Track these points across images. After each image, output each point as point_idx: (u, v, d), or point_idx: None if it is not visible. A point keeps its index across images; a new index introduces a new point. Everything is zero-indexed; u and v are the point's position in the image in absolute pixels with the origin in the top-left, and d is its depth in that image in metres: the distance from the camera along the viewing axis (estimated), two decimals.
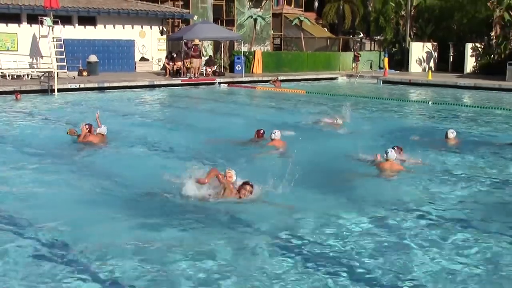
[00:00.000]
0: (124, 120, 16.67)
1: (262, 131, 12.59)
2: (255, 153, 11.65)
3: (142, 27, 31.39)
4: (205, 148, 12.23)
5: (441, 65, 36.33)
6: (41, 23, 25.59)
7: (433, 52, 36.86)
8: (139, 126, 15.62)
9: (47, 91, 22.41)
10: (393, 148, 10.22)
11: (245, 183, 8.31)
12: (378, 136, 13.85)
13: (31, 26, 27.45)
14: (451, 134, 12.83)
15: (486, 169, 10.70)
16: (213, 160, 11.10)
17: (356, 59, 34.96)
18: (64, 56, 26.16)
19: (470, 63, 33.83)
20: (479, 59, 33.59)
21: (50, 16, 24.25)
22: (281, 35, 41.05)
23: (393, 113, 19.33)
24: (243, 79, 29.46)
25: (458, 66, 34.49)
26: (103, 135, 12.39)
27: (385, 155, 10.05)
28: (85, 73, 27.43)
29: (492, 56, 32.98)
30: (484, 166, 11.04)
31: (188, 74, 28.57)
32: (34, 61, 27.49)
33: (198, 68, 29.04)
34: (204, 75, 29.56)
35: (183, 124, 16.38)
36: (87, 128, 12.25)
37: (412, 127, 15.88)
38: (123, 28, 30.79)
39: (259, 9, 36.19)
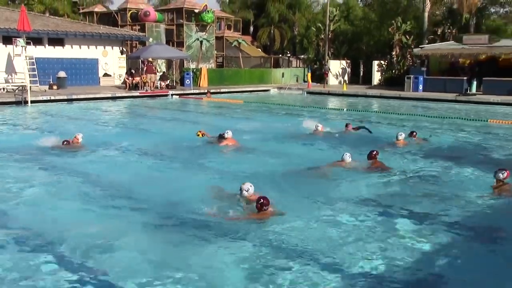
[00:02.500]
0: (91, 126, 16.25)
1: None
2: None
3: (104, 47, 30.66)
4: (167, 149, 12.02)
5: (354, 79, 37.14)
6: (15, 43, 24.65)
7: (347, 68, 37.65)
8: (104, 132, 15.29)
9: (21, 102, 21.57)
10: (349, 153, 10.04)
11: (263, 201, 6.88)
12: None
13: (6, 46, 26.31)
14: (400, 136, 12.64)
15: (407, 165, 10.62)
16: (176, 157, 10.98)
17: (325, 75, 34.77)
18: (36, 72, 25.18)
19: (376, 77, 34.84)
20: (383, 73, 34.63)
21: (23, 38, 23.34)
22: (223, 54, 40.99)
23: (317, 118, 19.56)
24: (192, 91, 29.26)
25: (367, 79, 35.42)
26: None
27: (343, 157, 9.93)
28: (55, 87, 26.53)
29: (393, 71, 34.06)
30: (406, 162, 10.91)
31: (145, 87, 28.18)
32: (9, 76, 26.36)
33: (154, 82, 28.69)
34: (159, 88, 29.17)
35: (141, 129, 16.12)
36: (65, 143, 11.77)
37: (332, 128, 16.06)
38: (88, 48, 29.96)
39: (204, 33, 36.01)
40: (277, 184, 8.66)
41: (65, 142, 11.75)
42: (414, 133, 13.32)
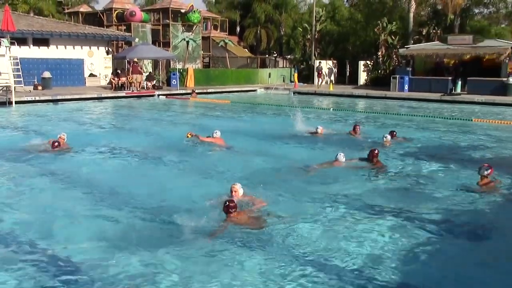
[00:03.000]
0: (77, 127, 16.10)
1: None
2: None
3: (90, 48, 30.45)
4: (153, 150, 11.89)
5: (340, 79, 37.23)
6: None
7: (333, 68, 37.74)
8: (90, 132, 15.15)
9: (6, 103, 21.27)
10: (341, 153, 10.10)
11: (228, 204, 6.59)
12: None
13: None
14: (386, 137, 12.69)
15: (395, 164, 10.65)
16: (164, 158, 10.91)
17: (319, 75, 34.73)
18: (20, 73, 24.85)
19: (362, 77, 34.97)
20: (369, 73, 34.78)
21: (7, 38, 23.06)
22: (210, 54, 40.95)
23: (305, 118, 19.54)
24: (178, 91, 29.16)
25: (353, 79, 35.54)
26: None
27: (337, 157, 10.00)
28: (39, 88, 26.30)
29: (379, 71, 34.21)
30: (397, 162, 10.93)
31: (131, 88, 28.02)
32: None
33: (140, 82, 28.55)
34: (145, 88, 29.02)
35: (128, 129, 16.03)
36: (56, 146, 11.57)
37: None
38: (74, 48, 29.74)
39: (190, 33, 35.94)
40: (270, 185, 8.61)
41: (56, 143, 11.49)
42: (394, 133, 13.44)
